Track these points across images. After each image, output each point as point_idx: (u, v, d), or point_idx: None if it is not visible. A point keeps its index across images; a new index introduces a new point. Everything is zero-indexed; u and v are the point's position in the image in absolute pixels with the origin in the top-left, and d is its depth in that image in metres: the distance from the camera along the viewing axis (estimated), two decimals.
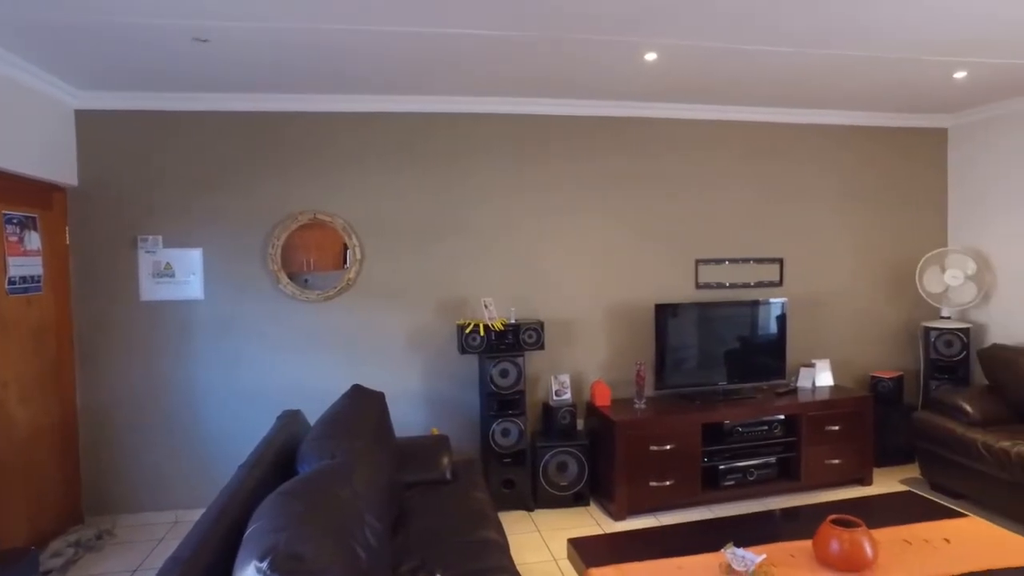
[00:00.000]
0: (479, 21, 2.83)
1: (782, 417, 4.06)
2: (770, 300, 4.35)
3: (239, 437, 3.94)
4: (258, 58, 3.23)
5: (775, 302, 4.36)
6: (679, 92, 4.04)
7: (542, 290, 4.28)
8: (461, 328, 3.89)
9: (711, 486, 3.93)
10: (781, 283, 4.64)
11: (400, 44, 3.09)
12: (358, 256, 4.03)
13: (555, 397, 4.10)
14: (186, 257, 3.89)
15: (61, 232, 3.74)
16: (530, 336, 3.93)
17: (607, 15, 2.78)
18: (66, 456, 3.72)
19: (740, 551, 2.33)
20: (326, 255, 4.04)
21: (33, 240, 3.48)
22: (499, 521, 2.76)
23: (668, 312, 4.16)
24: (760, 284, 4.60)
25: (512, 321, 3.97)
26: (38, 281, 3.51)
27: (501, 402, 3.90)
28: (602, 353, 4.38)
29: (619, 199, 4.37)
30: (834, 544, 2.31)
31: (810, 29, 2.99)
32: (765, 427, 4.03)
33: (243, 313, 3.95)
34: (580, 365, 4.34)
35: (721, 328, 4.25)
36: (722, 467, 3.94)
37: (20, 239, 3.37)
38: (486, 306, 3.98)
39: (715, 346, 4.24)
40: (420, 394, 4.15)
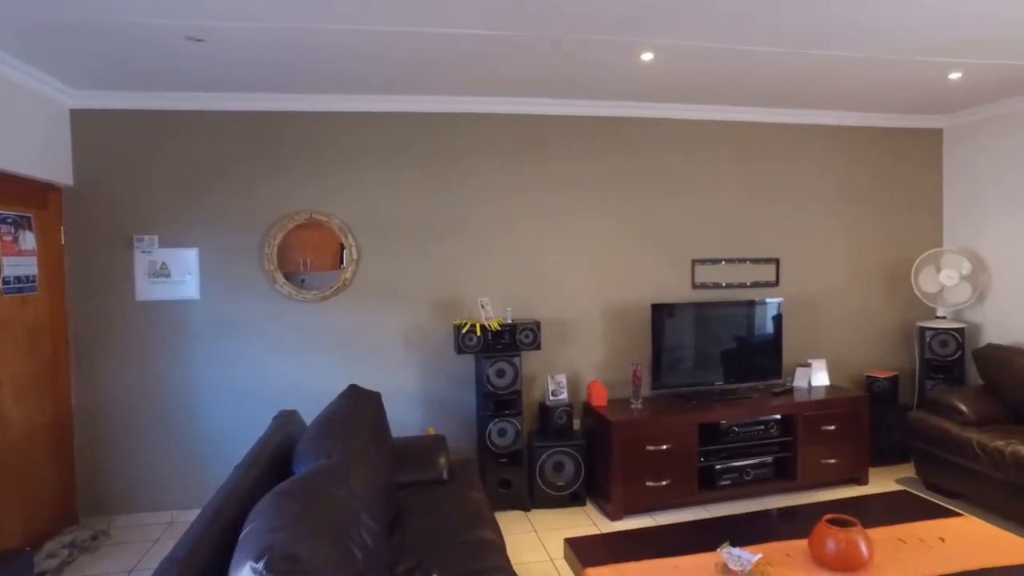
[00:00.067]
0: (478, 21, 2.83)
1: (778, 417, 4.07)
2: (766, 300, 4.36)
3: (235, 437, 3.93)
4: (255, 58, 3.22)
5: (771, 302, 4.37)
6: (677, 92, 4.04)
7: (539, 290, 4.28)
8: (458, 328, 3.89)
9: (707, 486, 3.94)
10: (777, 283, 4.65)
11: (399, 44, 3.09)
12: (354, 256, 4.03)
13: (551, 397, 4.10)
14: (182, 257, 3.88)
15: (56, 232, 3.72)
16: (527, 336, 3.93)
17: (606, 15, 2.78)
18: (61, 456, 3.70)
19: (736, 551, 2.33)
20: (323, 255, 4.03)
21: (28, 240, 3.46)
22: (495, 521, 2.76)
23: (664, 312, 4.16)
24: (756, 284, 4.61)
25: (509, 321, 3.97)
26: (33, 281, 3.49)
27: (498, 402, 3.90)
28: (598, 353, 4.38)
29: (616, 199, 4.37)
30: (830, 543, 2.31)
31: (808, 29, 3.00)
32: (761, 427, 4.04)
33: (239, 313, 3.94)
34: (577, 365, 4.34)
35: (717, 328, 4.26)
36: (718, 467, 3.94)
37: (15, 239, 3.36)
38: (483, 306, 3.98)
39: (711, 346, 4.25)
40: (417, 394, 4.15)
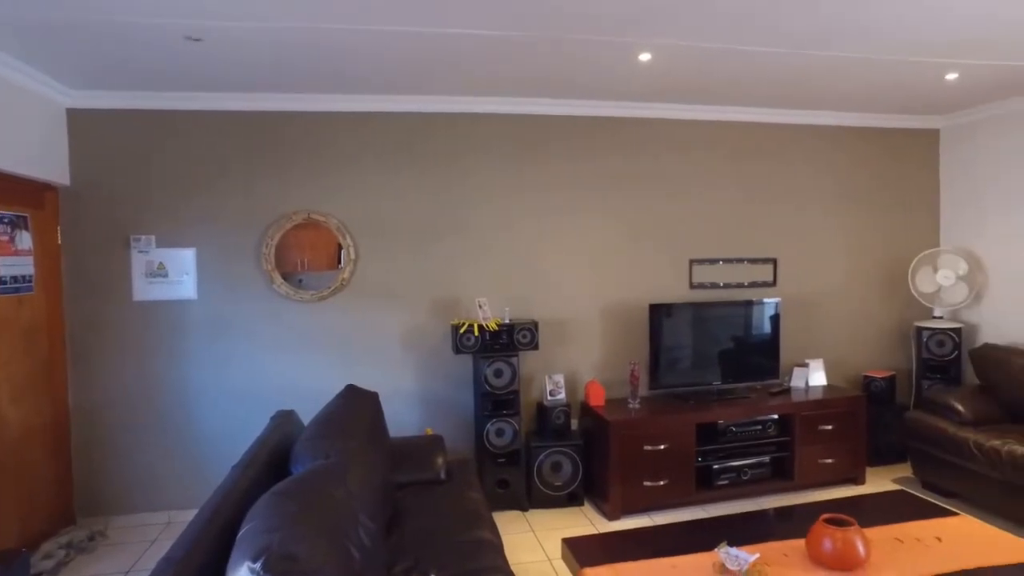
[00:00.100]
0: (478, 21, 2.83)
1: (776, 417, 4.08)
2: (764, 300, 4.36)
3: (232, 437, 3.92)
4: (253, 57, 3.22)
5: (769, 302, 4.37)
6: (675, 92, 4.05)
7: (537, 290, 4.28)
8: (455, 328, 3.89)
9: (705, 486, 3.94)
10: (775, 283, 4.66)
11: (398, 44, 3.09)
12: (352, 256, 4.02)
13: (549, 397, 4.10)
14: (179, 257, 3.88)
15: (53, 232, 3.71)
16: (524, 336, 3.93)
17: (605, 15, 2.78)
18: (58, 457, 3.70)
19: (734, 550, 2.33)
20: (320, 255, 4.03)
21: (24, 240, 3.46)
22: (493, 521, 2.76)
23: (662, 312, 4.17)
24: (754, 284, 4.62)
25: (506, 321, 3.97)
26: (29, 281, 3.49)
27: (495, 402, 3.90)
28: (596, 353, 4.38)
29: (614, 199, 4.37)
30: (827, 543, 2.32)
31: (806, 30, 3.01)
32: (759, 427, 4.04)
33: (237, 313, 3.94)
34: (574, 365, 4.35)
35: (715, 328, 4.26)
36: (716, 467, 3.95)
37: (11, 239, 3.35)
38: (480, 306, 3.98)
39: (709, 346, 4.26)
40: (414, 394, 4.15)
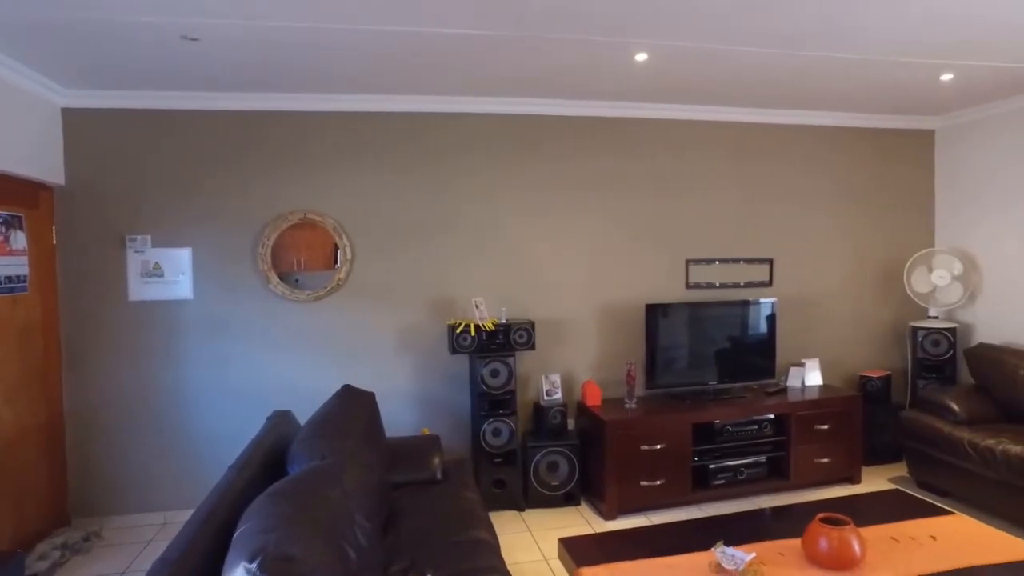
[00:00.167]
0: (475, 21, 2.82)
1: (772, 416, 4.08)
2: (760, 300, 4.37)
3: (229, 438, 3.91)
4: (250, 57, 3.21)
5: (765, 302, 4.38)
6: (671, 92, 4.05)
7: (533, 290, 4.28)
8: (452, 328, 3.89)
9: (701, 485, 3.95)
10: (771, 283, 4.67)
11: (391, 43, 3.08)
12: (348, 256, 4.02)
13: (546, 397, 4.10)
14: (175, 257, 3.87)
15: (48, 231, 3.70)
16: (521, 336, 3.93)
17: (601, 15, 2.78)
18: (52, 457, 3.68)
19: (730, 550, 2.34)
20: (316, 255, 4.02)
21: (19, 239, 3.44)
22: (490, 521, 2.76)
23: (659, 312, 4.17)
24: (750, 284, 4.63)
25: (503, 321, 3.97)
26: (24, 281, 3.47)
27: (492, 402, 3.90)
28: (593, 353, 4.39)
29: (610, 199, 4.38)
30: (823, 542, 2.32)
31: (801, 30, 3.01)
32: (755, 426, 4.05)
33: (233, 313, 3.93)
34: (571, 365, 4.35)
35: (711, 328, 4.27)
36: (712, 466, 3.95)
37: (5, 238, 3.34)
38: (477, 306, 3.98)
39: (705, 346, 4.26)
40: (411, 394, 4.15)
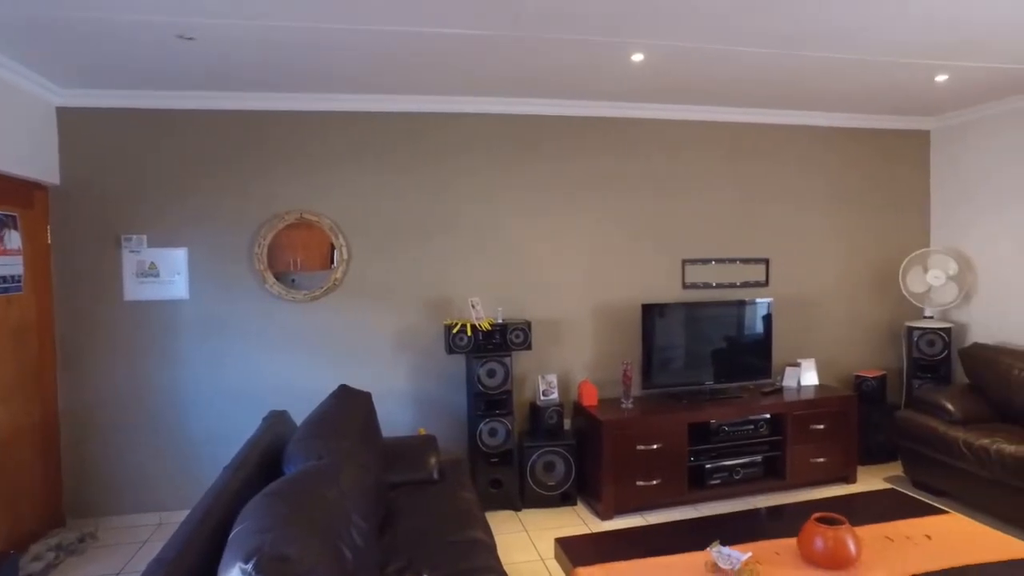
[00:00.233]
0: (472, 21, 2.82)
1: (768, 416, 4.09)
2: (756, 300, 4.38)
3: (225, 438, 3.90)
4: (246, 56, 3.20)
5: (761, 302, 4.39)
6: (668, 93, 4.06)
7: (529, 290, 4.29)
8: (448, 328, 3.89)
9: (697, 485, 3.96)
10: (767, 283, 4.68)
11: (388, 43, 3.08)
12: (345, 256, 4.01)
13: (542, 397, 4.10)
14: (171, 257, 3.86)
15: (43, 231, 3.68)
16: (517, 336, 3.93)
17: (597, 15, 2.79)
18: (47, 458, 3.67)
19: (726, 549, 2.34)
20: (313, 255, 4.02)
21: (13, 239, 3.43)
22: (486, 521, 2.76)
23: (655, 312, 4.18)
24: (746, 284, 4.64)
25: (499, 321, 3.97)
26: (18, 281, 3.46)
27: (488, 402, 3.90)
28: (589, 353, 4.39)
29: (607, 199, 4.38)
30: (818, 542, 2.33)
31: (797, 31, 3.02)
32: (751, 426, 4.06)
33: (229, 313, 3.92)
34: (567, 365, 4.35)
35: (707, 328, 4.28)
36: (708, 466, 3.96)
37: (0, 238, 3.32)
38: (473, 306, 3.98)
39: (702, 346, 4.27)
40: (407, 394, 4.14)
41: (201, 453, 3.91)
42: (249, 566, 1.44)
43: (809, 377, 4.54)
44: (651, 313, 4.17)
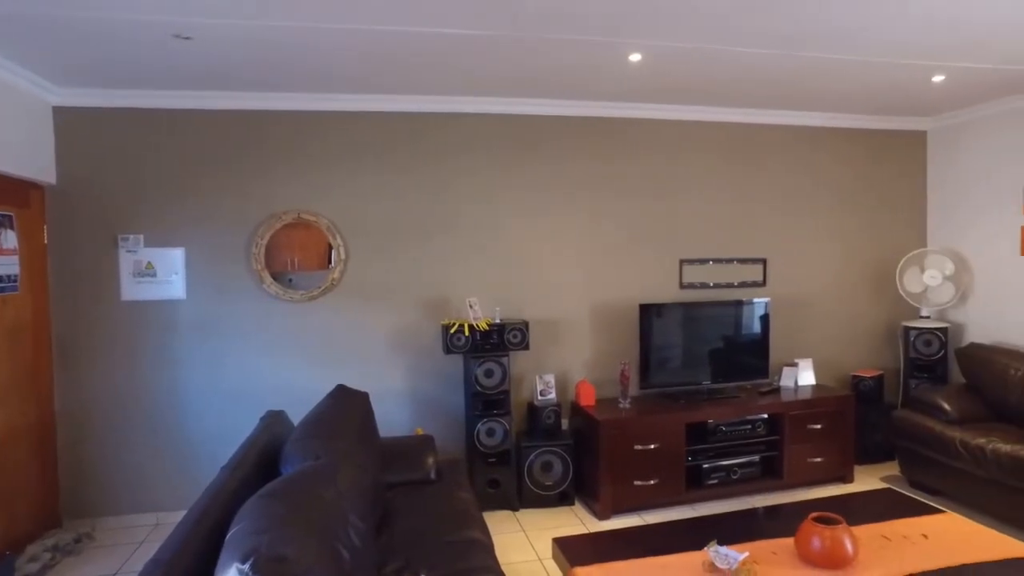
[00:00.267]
0: (470, 21, 2.82)
1: (765, 416, 4.10)
2: (753, 300, 4.39)
3: (222, 438, 3.89)
4: (243, 56, 3.20)
5: (758, 302, 4.40)
6: (665, 93, 4.06)
7: (527, 290, 4.28)
8: (446, 328, 3.88)
9: (695, 485, 3.96)
10: (764, 283, 4.69)
11: (388, 43, 3.07)
12: (342, 256, 4.01)
13: (540, 397, 4.10)
14: (168, 256, 3.85)
15: (39, 231, 3.67)
16: (515, 336, 3.93)
17: (595, 15, 2.78)
18: (43, 458, 3.66)
19: (723, 549, 2.35)
20: (310, 255, 4.01)
21: (9, 239, 3.42)
22: (484, 521, 2.76)
23: (652, 312, 4.18)
24: (744, 284, 4.64)
25: (497, 321, 3.97)
26: (14, 280, 3.44)
27: (486, 402, 3.90)
28: (587, 353, 4.39)
29: (605, 199, 4.38)
30: (815, 541, 2.33)
31: (795, 32, 3.02)
32: (748, 426, 4.06)
33: (226, 313, 3.91)
34: (565, 365, 4.35)
35: (705, 328, 4.28)
36: (706, 466, 3.96)
37: None
38: (471, 306, 3.98)
39: (699, 346, 4.27)
40: (405, 394, 4.14)
41: (198, 453, 3.90)
42: (246, 567, 1.44)
43: (806, 377, 4.55)
44: (649, 313, 4.17)
